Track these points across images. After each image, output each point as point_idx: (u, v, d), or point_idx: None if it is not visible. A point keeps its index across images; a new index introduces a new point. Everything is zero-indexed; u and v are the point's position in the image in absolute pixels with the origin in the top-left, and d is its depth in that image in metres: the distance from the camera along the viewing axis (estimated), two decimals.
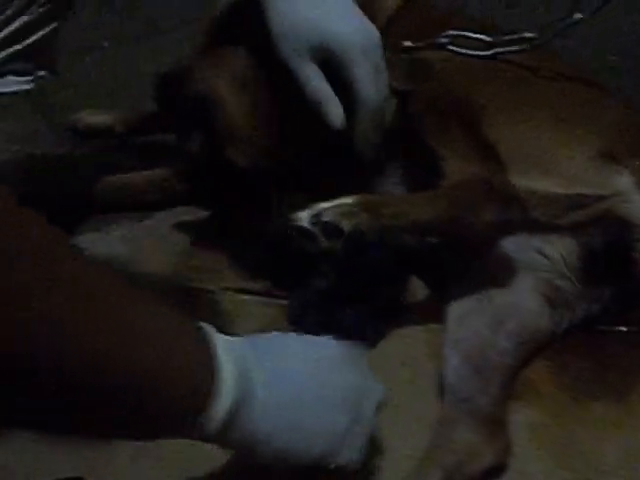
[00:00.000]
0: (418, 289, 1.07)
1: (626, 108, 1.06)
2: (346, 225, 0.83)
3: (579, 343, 0.99)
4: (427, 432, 0.88)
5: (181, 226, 1.25)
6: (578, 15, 1.06)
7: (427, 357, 0.99)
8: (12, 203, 0.51)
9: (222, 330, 0.67)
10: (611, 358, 0.98)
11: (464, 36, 1.09)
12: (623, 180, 0.94)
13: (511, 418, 0.90)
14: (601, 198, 0.92)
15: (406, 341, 1.01)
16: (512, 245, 0.96)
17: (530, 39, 1.08)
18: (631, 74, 1.27)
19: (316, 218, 0.84)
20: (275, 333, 0.74)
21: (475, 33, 1.09)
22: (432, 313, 1.02)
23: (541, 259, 0.96)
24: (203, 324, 0.66)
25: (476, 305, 0.95)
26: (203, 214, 1.25)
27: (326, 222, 0.84)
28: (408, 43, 1.09)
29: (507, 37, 1.08)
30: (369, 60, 0.91)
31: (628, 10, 1.24)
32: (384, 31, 1.24)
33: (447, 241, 0.94)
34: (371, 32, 0.93)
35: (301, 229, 0.85)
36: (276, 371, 0.68)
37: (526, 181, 0.92)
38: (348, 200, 0.87)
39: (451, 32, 1.09)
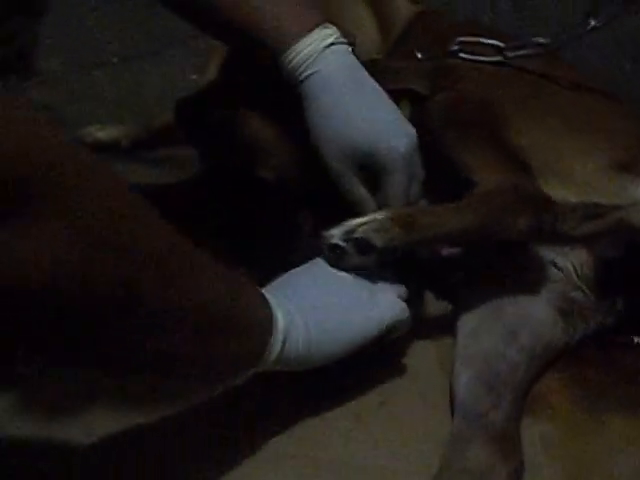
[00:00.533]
0: (429, 302, 1.05)
1: (639, 117, 1.05)
2: (379, 241, 0.83)
3: (592, 355, 0.98)
4: (439, 448, 0.86)
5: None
6: (592, 22, 1.06)
7: (438, 371, 0.97)
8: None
9: None
10: (624, 371, 0.97)
11: (475, 42, 1.09)
12: (638, 189, 0.93)
13: (523, 433, 0.88)
14: (616, 208, 0.91)
15: (417, 355, 0.99)
16: (524, 256, 0.95)
17: (542, 44, 1.08)
18: None
19: (348, 235, 0.84)
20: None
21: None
22: (443, 327, 1.01)
23: (554, 270, 0.94)
24: None
25: (488, 319, 0.93)
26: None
27: (358, 238, 0.83)
28: (419, 55, 1.09)
29: (518, 42, 1.08)
30: (408, 168, 0.92)
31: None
32: (398, 42, 1.26)
33: (477, 249, 0.95)
34: (413, 138, 0.93)
35: (333, 246, 0.84)
36: (307, 294, 0.83)
37: (546, 190, 0.91)
38: (380, 215, 0.86)
39: (462, 39, 1.09)
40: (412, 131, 0.93)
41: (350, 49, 0.95)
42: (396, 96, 1.04)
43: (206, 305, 0.69)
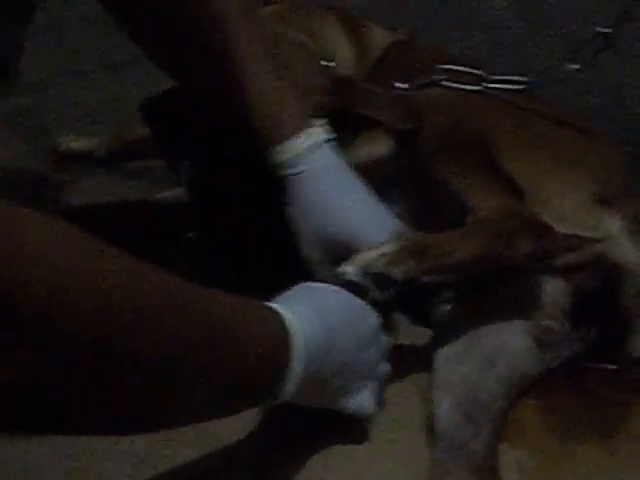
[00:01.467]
0: (406, 329, 1.05)
1: (617, 152, 1.08)
2: (397, 274, 0.84)
3: (565, 382, 0.99)
4: (420, 475, 0.87)
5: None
6: (574, 65, 1.09)
7: (415, 398, 0.97)
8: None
9: None
10: (596, 398, 0.98)
11: (455, 70, 1.11)
12: (615, 224, 0.95)
13: (500, 458, 0.89)
14: (595, 241, 0.93)
15: (394, 383, 0.98)
16: (502, 285, 0.97)
17: (522, 82, 1.10)
18: (616, 120, 1.28)
19: (364, 270, 0.84)
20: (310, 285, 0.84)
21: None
22: (420, 354, 1.01)
23: (531, 300, 0.96)
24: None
25: (465, 347, 0.94)
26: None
27: (376, 274, 0.84)
28: (399, 84, 1.10)
29: (499, 77, 1.10)
30: None
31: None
32: (374, 70, 1.27)
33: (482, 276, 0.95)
34: (395, 229, 0.95)
35: (352, 283, 0.85)
36: (322, 323, 0.78)
37: None
38: (391, 247, 0.86)
39: (442, 67, 1.11)
40: (395, 225, 0.96)
41: (334, 145, 0.96)
42: (371, 125, 1.06)
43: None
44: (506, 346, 0.95)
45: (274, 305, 0.76)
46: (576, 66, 1.07)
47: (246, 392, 0.72)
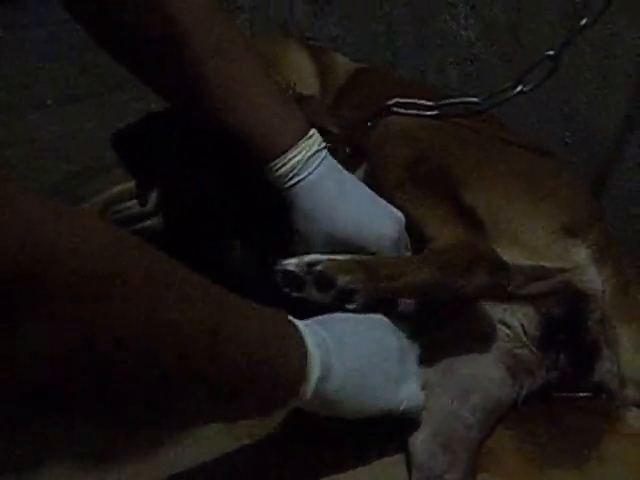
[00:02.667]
0: None
1: (579, 182, 1.11)
2: (341, 279, 0.84)
3: (538, 411, 1.00)
4: None
5: None
6: (520, 87, 1.13)
7: (392, 430, 0.97)
8: None
9: None
10: (569, 424, 0.99)
11: (409, 103, 1.14)
12: (581, 253, 0.97)
13: None
14: (561, 271, 0.95)
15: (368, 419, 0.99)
16: (474, 315, 0.97)
17: (472, 103, 1.14)
18: (582, 148, 1.32)
19: (309, 267, 0.84)
20: (334, 315, 0.87)
21: (421, 97, 1.14)
22: None
23: (502, 329, 0.98)
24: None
25: (439, 378, 0.95)
26: None
27: (320, 272, 0.84)
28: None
29: (450, 100, 1.14)
30: (397, 248, 0.96)
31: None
32: (338, 97, 1.28)
33: (432, 304, 0.96)
34: (399, 221, 0.97)
35: (290, 274, 0.85)
36: (344, 347, 0.83)
37: (496, 249, 0.94)
38: (343, 257, 0.87)
39: (396, 100, 1.14)
40: (398, 214, 0.97)
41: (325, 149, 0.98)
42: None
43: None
44: (479, 376, 0.96)
45: (301, 326, 0.81)
46: (521, 88, 1.12)
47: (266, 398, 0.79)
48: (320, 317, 0.86)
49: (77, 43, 1.72)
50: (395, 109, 1.14)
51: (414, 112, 1.12)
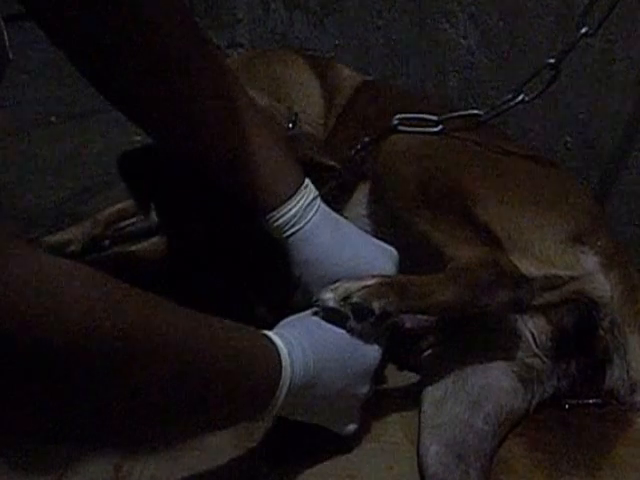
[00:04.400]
0: (392, 373, 1.07)
1: (583, 189, 1.11)
2: (376, 306, 0.85)
3: (549, 418, 1.01)
4: None
5: None
6: (521, 97, 1.12)
7: (404, 440, 0.98)
8: None
9: None
10: (580, 431, 1.00)
11: (412, 118, 1.14)
12: (589, 261, 0.97)
13: None
14: (572, 279, 0.95)
15: (383, 426, 1.00)
16: (485, 327, 0.98)
17: (475, 115, 1.13)
18: (583, 154, 1.32)
19: (345, 299, 0.85)
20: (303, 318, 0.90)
21: (423, 111, 1.14)
22: (406, 397, 1.03)
23: (514, 339, 0.97)
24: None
25: (452, 389, 0.95)
26: None
27: (356, 303, 0.85)
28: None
29: (453, 114, 1.13)
30: None
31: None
32: (345, 111, 1.28)
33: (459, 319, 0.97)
34: (395, 259, 1.00)
35: (331, 310, 0.86)
36: (315, 350, 0.84)
37: None
38: (374, 280, 0.88)
39: (400, 115, 1.14)
40: (392, 251, 1.00)
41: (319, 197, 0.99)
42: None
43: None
44: (491, 386, 0.96)
45: (271, 334, 0.83)
46: (522, 97, 1.12)
47: (237, 410, 0.80)
48: (286, 321, 0.90)
49: None
50: (400, 127, 1.14)
51: (418, 129, 1.13)
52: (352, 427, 0.94)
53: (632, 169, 1.28)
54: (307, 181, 0.97)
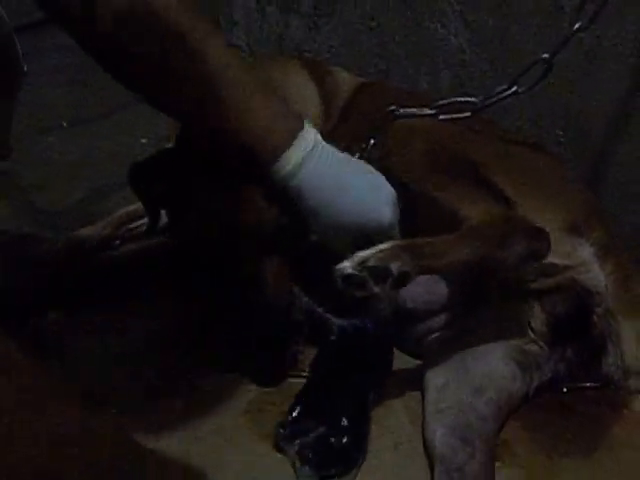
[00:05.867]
0: (395, 361, 1.07)
1: (577, 179, 1.11)
2: (394, 267, 0.84)
3: (548, 401, 1.02)
4: None
5: None
6: (514, 88, 1.12)
7: (408, 424, 0.99)
8: None
9: None
10: (577, 414, 1.01)
11: (410, 114, 1.13)
12: (585, 251, 0.98)
13: None
14: (567, 268, 0.96)
15: (387, 410, 1.01)
16: (483, 315, 0.98)
17: (470, 103, 1.13)
18: (575, 147, 1.33)
19: (362, 264, 0.84)
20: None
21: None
22: (409, 383, 1.03)
23: (511, 326, 0.98)
24: None
25: (454, 375, 0.96)
26: None
27: (373, 267, 0.84)
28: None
29: (448, 100, 1.13)
30: (393, 228, 0.96)
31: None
32: (344, 112, 1.28)
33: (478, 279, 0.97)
34: (394, 199, 0.97)
35: (350, 277, 0.84)
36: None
37: None
38: (386, 245, 0.87)
39: (394, 107, 1.14)
40: (392, 192, 0.97)
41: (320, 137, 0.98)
42: None
43: None
44: (492, 372, 0.97)
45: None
46: (516, 88, 1.11)
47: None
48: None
49: (88, 67, 1.72)
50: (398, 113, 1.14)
51: (417, 113, 1.12)
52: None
53: (622, 161, 1.29)
54: (307, 126, 0.94)
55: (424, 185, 1.01)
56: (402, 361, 1.08)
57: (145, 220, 1.40)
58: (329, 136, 1.27)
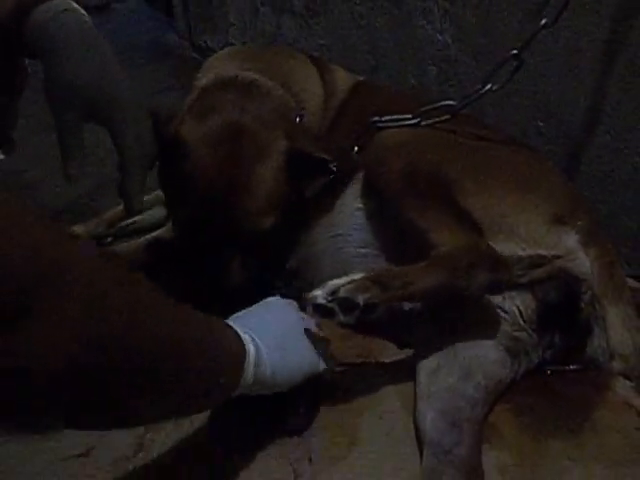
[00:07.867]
0: (388, 347, 1.06)
1: (558, 170, 1.09)
2: (361, 299, 0.84)
3: (534, 385, 1.00)
4: None
5: None
6: (489, 85, 1.12)
7: (400, 409, 0.97)
8: None
9: None
10: (562, 397, 0.99)
11: (391, 120, 1.14)
12: (571, 240, 0.96)
13: (482, 460, 0.88)
14: (555, 257, 0.95)
15: (380, 396, 0.99)
16: (474, 303, 0.96)
17: (449, 106, 1.13)
18: (557, 139, 1.31)
19: (332, 295, 0.84)
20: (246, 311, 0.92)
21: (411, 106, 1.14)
22: (402, 369, 1.01)
23: (501, 314, 0.96)
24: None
25: (445, 361, 0.95)
26: None
27: (342, 298, 0.84)
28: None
29: (428, 107, 1.13)
30: (134, 116, 0.98)
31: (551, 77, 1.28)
32: (340, 109, 1.25)
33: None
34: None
35: (320, 307, 0.85)
36: (263, 333, 0.86)
37: (495, 245, 0.93)
38: (357, 276, 0.87)
39: (377, 118, 1.15)
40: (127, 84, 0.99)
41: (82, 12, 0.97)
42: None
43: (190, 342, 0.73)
44: (481, 358, 0.95)
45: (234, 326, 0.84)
46: (490, 86, 1.11)
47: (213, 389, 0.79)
48: (238, 314, 0.90)
49: None
50: (379, 125, 1.14)
51: (397, 124, 1.12)
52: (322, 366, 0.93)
53: (601, 151, 1.26)
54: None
55: (399, 206, 1.00)
56: (396, 351, 1.07)
57: (137, 218, 1.39)
58: (325, 131, 1.26)
